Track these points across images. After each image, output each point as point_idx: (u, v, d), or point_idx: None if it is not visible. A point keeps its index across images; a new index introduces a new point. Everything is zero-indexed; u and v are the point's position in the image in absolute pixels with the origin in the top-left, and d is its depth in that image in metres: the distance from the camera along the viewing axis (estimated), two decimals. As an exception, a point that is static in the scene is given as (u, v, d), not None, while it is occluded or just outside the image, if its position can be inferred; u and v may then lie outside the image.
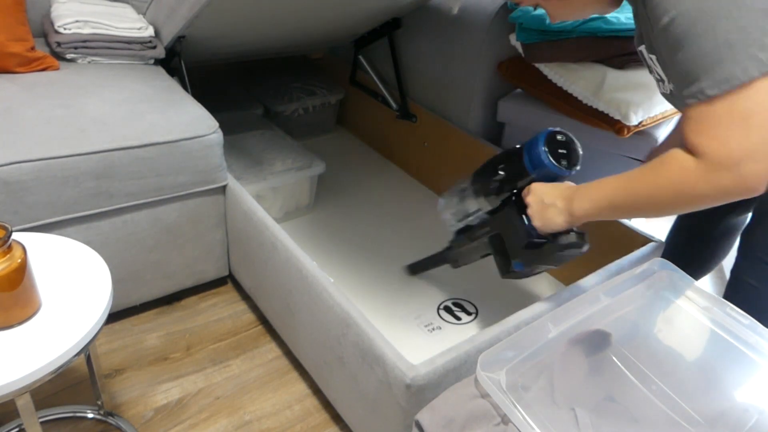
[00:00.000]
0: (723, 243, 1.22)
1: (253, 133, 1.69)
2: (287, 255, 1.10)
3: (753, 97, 0.65)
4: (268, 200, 1.55)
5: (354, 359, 0.96)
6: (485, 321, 1.34)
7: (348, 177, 1.87)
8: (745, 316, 0.79)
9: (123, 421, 1.12)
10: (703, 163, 0.68)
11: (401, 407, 0.87)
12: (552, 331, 0.75)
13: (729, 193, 0.69)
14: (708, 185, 0.69)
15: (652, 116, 1.39)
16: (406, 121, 1.82)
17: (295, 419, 1.17)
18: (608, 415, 0.69)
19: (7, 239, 0.73)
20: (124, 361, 1.25)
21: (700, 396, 0.72)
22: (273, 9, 1.32)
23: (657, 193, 0.75)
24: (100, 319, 0.82)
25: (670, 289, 0.84)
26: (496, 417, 0.67)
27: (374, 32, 1.82)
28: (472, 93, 1.60)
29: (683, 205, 0.74)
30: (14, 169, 1.02)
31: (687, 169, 0.70)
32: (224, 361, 1.28)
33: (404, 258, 1.52)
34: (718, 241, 1.21)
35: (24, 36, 1.28)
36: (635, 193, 0.78)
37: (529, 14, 1.41)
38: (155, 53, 1.43)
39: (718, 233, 1.20)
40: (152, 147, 1.15)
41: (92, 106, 1.19)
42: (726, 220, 1.17)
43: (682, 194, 0.72)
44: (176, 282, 1.36)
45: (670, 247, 1.24)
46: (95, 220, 1.16)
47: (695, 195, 0.71)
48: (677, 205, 0.75)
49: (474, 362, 0.87)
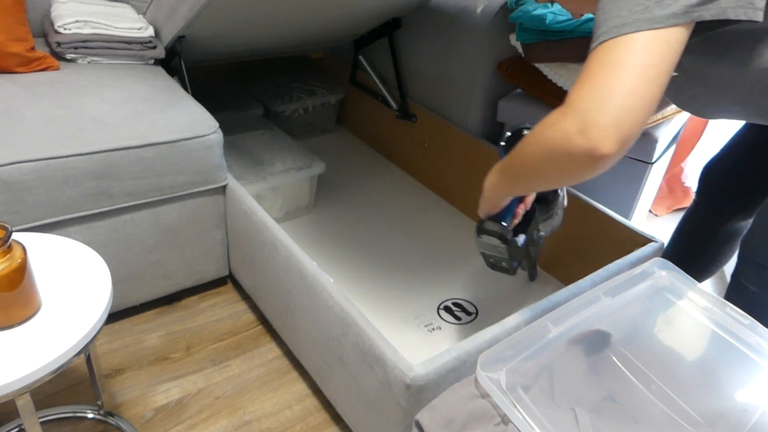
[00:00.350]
0: (725, 248, 1.22)
1: (253, 133, 1.69)
2: (287, 255, 1.10)
3: (630, 48, 0.61)
4: (268, 200, 1.55)
5: (354, 359, 0.96)
6: (485, 321, 1.34)
7: (348, 177, 1.87)
8: (745, 316, 0.79)
9: (123, 421, 1.12)
10: (563, 110, 0.65)
11: (401, 407, 0.87)
12: (552, 331, 0.75)
13: (573, 143, 0.63)
14: (557, 133, 0.65)
15: (652, 116, 1.39)
16: (406, 121, 1.82)
17: (295, 419, 1.17)
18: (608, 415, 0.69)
19: (7, 239, 0.73)
20: (124, 361, 1.25)
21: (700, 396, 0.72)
22: (273, 9, 1.33)
23: (527, 153, 0.72)
24: (100, 319, 0.82)
25: (670, 289, 0.84)
26: (496, 417, 0.67)
27: (374, 32, 1.82)
28: (472, 93, 1.60)
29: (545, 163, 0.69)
30: (14, 169, 1.02)
31: (549, 121, 0.67)
32: (224, 361, 1.28)
33: (404, 258, 1.52)
34: (720, 246, 1.21)
35: (24, 36, 1.29)
36: (517, 156, 0.75)
37: (529, 14, 1.41)
38: (155, 53, 1.43)
39: (719, 238, 1.20)
40: (152, 147, 1.15)
41: (92, 106, 1.19)
42: (728, 226, 1.17)
43: (541, 149, 0.68)
44: (176, 282, 1.36)
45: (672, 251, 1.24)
46: (95, 220, 1.16)
47: (549, 147, 0.66)
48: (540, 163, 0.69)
49: (474, 362, 0.87)
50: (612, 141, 0.61)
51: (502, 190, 0.86)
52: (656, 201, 2.00)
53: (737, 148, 1.13)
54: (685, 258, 1.20)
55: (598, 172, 0.65)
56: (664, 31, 0.61)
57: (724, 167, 1.15)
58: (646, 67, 0.61)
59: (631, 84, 0.60)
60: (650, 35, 0.61)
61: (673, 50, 0.62)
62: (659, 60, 0.61)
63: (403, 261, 1.51)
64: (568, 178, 0.69)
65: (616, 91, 0.61)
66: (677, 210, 2.04)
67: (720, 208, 1.17)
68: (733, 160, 1.13)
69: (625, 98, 0.60)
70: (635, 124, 0.61)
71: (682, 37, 0.63)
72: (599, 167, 0.64)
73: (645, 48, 0.61)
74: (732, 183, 1.14)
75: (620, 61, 0.61)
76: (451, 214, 1.72)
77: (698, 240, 1.22)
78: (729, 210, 1.16)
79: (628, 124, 0.61)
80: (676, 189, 2.01)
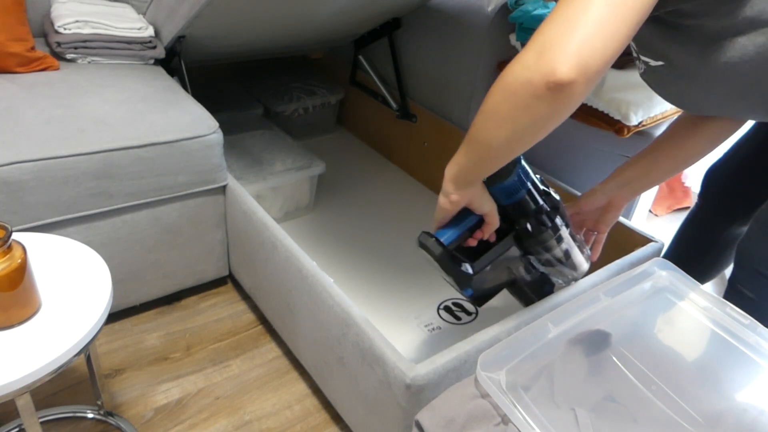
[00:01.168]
0: (726, 252, 1.21)
1: (253, 133, 1.69)
2: (287, 255, 1.10)
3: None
4: (268, 200, 1.55)
5: (354, 359, 0.96)
6: (485, 321, 1.34)
7: (348, 177, 1.87)
8: (745, 316, 0.79)
9: (123, 421, 1.12)
10: (523, 50, 0.62)
11: (401, 407, 0.87)
12: (552, 331, 0.75)
13: (528, 68, 0.60)
14: (516, 67, 0.62)
15: (652, 116, 1.39)
16: (406, 121, 1.82)
17: (295, 419, 1.17)
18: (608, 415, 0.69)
19: (7, 239, 0.73)
20: (124, 361, 1.25)
21: (700, 396, 0.72)
22: (273, 9, 1.33)
23: (492, 103, 0.67)
24: (100, 319, 0.82)
25: (670, 289, 0.84)
26: (496, 417, 0.67)
27: (374, 32, 1.82)
28: (472, 93, 1.60)
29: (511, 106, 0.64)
30: (14, 169, 1.02)
31: (510, 64, 0.64)
32: (224, 361, 1.28)
33: (404, 258, 1.52)
34: (721, 250, 1.21)
35: (24, 36, 1.29)
36: (481, 115, 0.70)
37: (529, 14, 1.41)
38: (155, 53, 1.43)
39: (721, 243, 1.19)
40: (152, 147, 1.15)
41: (92, 106, 1.19)
42: (730, 230, 1.17)
43: (505, 90, 0.64)
44: (176, 282, 1.36)
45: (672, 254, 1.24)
46: (95, 220, 1.16)
47: (512, 84, 0.63)
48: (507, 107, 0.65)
49: (474, 362, 0.87)
50: (571, 66, 0.57)
51: (463, 169, 0.79)
52: (656, 201, 2.00)
53: (741, 152, 1.12)
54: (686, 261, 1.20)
55: (559, 109, 0.61)
56: None
57: (727, 171, 1.15)
58: (616, 2, 0.58)
59: (599, 13, 0.57)
60: None
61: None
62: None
63: (403, 261, 1.51)
64: (529, 122, 0.64)
65: (581, 20, 0.58)
66: (677, 210, 2.04)
67: (722, 212, 1.17)
68: (736, 164, 1.13)
69: (591, 26, 0.57)
70: (598, 52, 0.58)
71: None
72: (559, 100, 0.60)
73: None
74: (735, 187, 1.14)
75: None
76: (451, 214, 1.72)
77: (699, 243, 1.22)
78: (731, 214, 1.15)
79: (589, 50, 0.57)
80: (676, 189, 2.01)
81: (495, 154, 0.74)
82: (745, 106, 0.80)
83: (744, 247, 0.98)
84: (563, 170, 1.57)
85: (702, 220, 1.21)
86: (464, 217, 0.88)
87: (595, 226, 1.06)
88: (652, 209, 2.02)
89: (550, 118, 0.63)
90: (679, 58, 0.78)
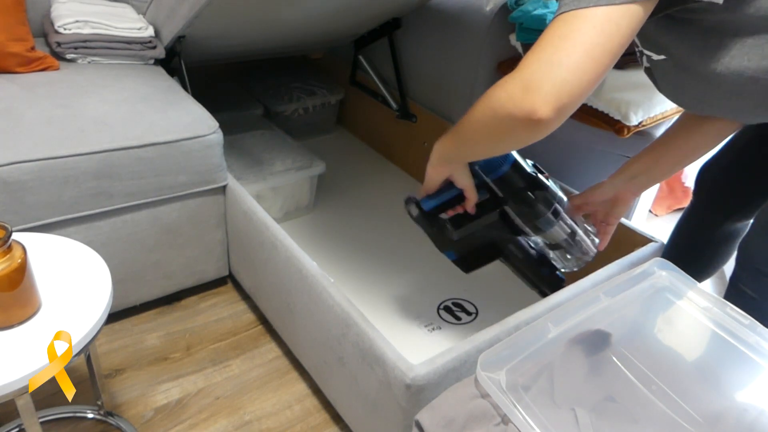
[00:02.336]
0: (722, 249, 1.21)
1: (253, 133, 1.69)
2: (287, 255, 1.10)
3: (581, 24, 0.65)
4: (268, 200, 1.55)
5: (354, 359, 0.96)
6: (485, 321, 1.34)
7: (348, 177, 1.87)
8: (745, 316, 0.79)
9: (123, 421, 1.12)
10: (512, 74, 0.69)
11: (401, 407, 0.87)
12: (552, 331, 0.75)
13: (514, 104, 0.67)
14: (501, 94, 0.69)
15: (652, 116, 1.39)
16: (406, 121, 1.82)
17: (295, 419, 1.17)
18: (608, 415, 0.69)
19: (7, 239, 0.73)
20: (124, 361, 1.25)
21: (700, 396, 0.72)
22: (273, 9, 1.33)
23: (476, 114, 0.76)
24: (100, 319, 0.82)
25: (670, 289, 0.84)
26: (496, 417, 0.67)
27: (374, 32, 1.82)
28: (472, 93, 1.60)
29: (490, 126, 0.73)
30: (14, 169, 1.02)
31: (498, 84, 0.71)
32: (224, 361, 1.28)
33: (404, 258, 1.52)
34: (717, 247, 1.21)
35: (24, 36, 1.29)
36: (468, 118, 0.79)
37: (529, 14, 1.41)
38: (155, 53, 1.43)
39: (717, 240, 1.19)
40: (152, 147, 1.15)
41: (92, 106, 1.19)
42: (725, 227, 1.17)
43: (487, 110, 0.73)
44: (176, 282, 1.36)
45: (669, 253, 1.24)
46: (95, 220, 1.16)
47: (494, 109, 0.71)
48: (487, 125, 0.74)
49: (474, 362, 0.87)
50: (549, 108, 0.66)
51: (449, 151, 0.89)
52: (656, 201, 1.99)
53: (733, 149, 1.12)
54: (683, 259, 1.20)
55: (533, 137, 0.70)
56: (619, 9, 0.64)
57: (720, 168, 1.15)
58: (593, 45, 0.64)
59: (576, 60, 0.64)
60: (604, 13, 0.64)
61: (625, 31, 0.65)
62: (606, 39, 0.65)
63: (403, 261, 1.51)
64: (508, 141, 0.75)
65: (562, 64, 0.65)
66: (677, 210, 2.04)
67: (716, 209, 1.17)
68: (729, 161, 1.13)
69: (569, 72, 0.65)
70: (574, 96, 0.66)
71: (637, 16, 0.66)
72: (535, 131, 0.69)
73: (595, 26, 0.64)
74: (728, 183, 1.14)
75: (570, 36, 0.65)
76: (451, 214, 1.72)
77: (695, 241, 1.22)
78: (725, 211, 1.16)
79: (567, 95, 0.65)
80: (676, 189, 2.01)
81: (474, 152, 0.87)
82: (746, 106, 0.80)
83: (745, 246, 0.98)
84: (563, 170, 1.57)
85: (697, 218, 1.22)
86: (448, 189, 0.99)
87: (605, 218, 1.10)
88: (652, 209, 2.02)
89: (525, 141, 0.73)
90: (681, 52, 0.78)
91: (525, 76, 0.67)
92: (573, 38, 0.65)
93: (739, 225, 1.17)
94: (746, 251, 0.98)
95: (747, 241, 0.98)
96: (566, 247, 1.02)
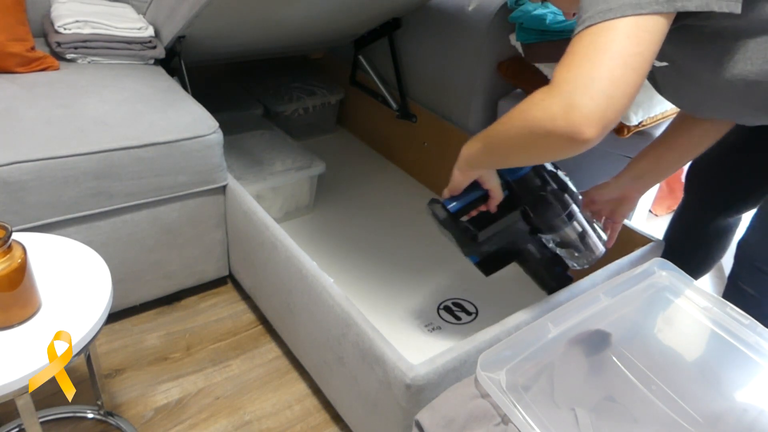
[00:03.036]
0: (716, 244, 1.22)
1: (253, 133, 1.69)
2: (287, 255, 1.10)
3: (614, 35, 0.63)
4: (268, 200, 1.55)
5: (354, 359, 0.96)
6: (485, 321, 1.34)
7: (348, 177, 1.87)
8: (744, 316, 0.79)
9: (123, 421, 1.12)
10: (549, 89, 0.66)
11: (401, 407, 0.87)
12: (552, 331, 0.75)
13: (556, 124, 0.64)
14: (540, 112, 0.66)
15: (652, 116, 1.39)
16: (406, 121, 1.82)
17: (295, 419, 1.17)
18: (608, 415, 0.69)
19: (7, 239, 0.73)
20: (124, 361, 1.25)
21: (700, 396, 0.72)
22: (273, 9, 1.33)
23: (509, 127, 0.74)
24: (100, 319, 0.82)
25: (670, 289, 0.84)
26: (496, 417, 0.67)
27: (374, 32, 1.82)
28: (472, 93, 1.60)
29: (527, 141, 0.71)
30: (14, 169, 1.02)
31: (535, 99, 0.68)
32: (224, 361, 1.28)
33: (404, 258, 1.52)
34: (711, 242, 1.21)
35: (24, 36, 1.29)
36: (499, 128, 0.77)
37: (529, 14, 1.41)
38: (155, 53, 1.43)
39: (710, 236, 1.20)
40: (152, 147, 1.15)
41: (92, 106, 1.19)
42: (716, 221, 1.17)
43: (525, 126, 0.70)
44: (176, 282, 1.36)
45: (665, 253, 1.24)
46: (95, 220, 1.16)
47: (532, 126, 0.68)
48: (523, 140, 0.71)
49: (474, 362, 0.87)
50: (595, 127, 0.63)
51: (478, 159, 0.87)
52: (656, 201, 2.00)
53: (723, 145, 1.13)
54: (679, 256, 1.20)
55: (574, 153, 0.67)
56: (647, 19, 0.63)
57: (709, 164, 1.16)
58: (629, 55, 0.62)
59: (616, 72, 0.62)
60: (633, 22, 0.62)
61: (655, 38, 0.64)
62: (643, 48, 0.63)
63: (403, 261, 1.51)
64: (545, 156, 0.72)
65: (601, 78, 0.62)
66: (677, 210, 2.04)
67: (708, 205, 1.17)
68: (717, 156, 1.14)
69: (610, 85, 0.62)
70: (618, 110, 0.63)
71: (663, 26, 0.64)
72: (578, 150, 0.66)
73: (629, 36, 0.62)
74: (718, 179, 1.15)
75: (605, 47, 0.63)
76: (451, 214, 1.72)
77: (689, 238, 1.22)
78: (716, 207, 1.16)
79: (612, 110, 0.63)
80: (676, 189, 2.01)
81: (504, 162, 0.86)
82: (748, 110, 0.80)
83: (744, 244, 0.98)
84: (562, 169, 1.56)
85: (689, 215, 1.22)
86: (472, 190, 0.97)
87: (611, 216, 1.11)
88: (652, 209, 2.02)
89: (565, 156, 0.69)
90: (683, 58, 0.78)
91: (565, 95, 0.64)
92: (609, 50, 0.62)
93: (731, 220, 1.18)
94: (745, 249, 0.98)
95: (745, 239, 0.98)
96: (577, 245, 1.02)
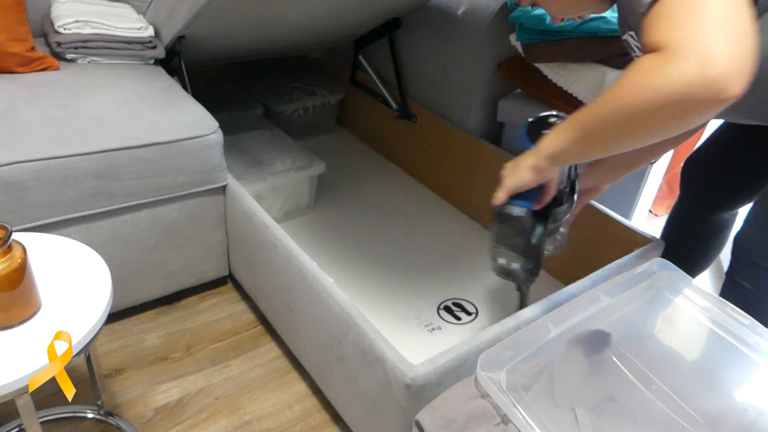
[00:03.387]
0: (713, 240, 1.22)
1: (253, 133, 1.69)
2: (287, 255, 1.10)
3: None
4: (268, 200, 1.55)
5: (354, 359, 0.96)
6: (485, 321, 1.34)
7: (348, 177, 1.87)
8: (745, 316, 0.79)
9: (123, 421, 1.12)
10: (665, 54, 0.59)
11: (401, 407, 0.87)
12: (552, 331, 0.75)
13: (692, 87, 0.57)
14: (672, 79, 0.59)
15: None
16: (406, 121, 1.82)
17: (295, 419, 1.17)
18: (608, 415, 0.69)
19: (7, 239, 0.73)
20: (124, 361, 1.25)
21: (700, 396, 0.72)
22: (273, 9, 1.33)
23: (625, 105, 0.64)
24: (100, 319, 0.82)
25: (670, 289, 0.84)
26: (496, 417, 0.67)
27: (374, 32, 1.82)
28: (472, 93, 1.60)
29: (654, 115, 0.62)
30: (14, 169, 1.02)
31: (649, 67, 0.61)
32: (224, 361, 1.28)
33: (404, 258, 1.52)
34: (709, 238, 1.22)
35: (24, 36, 1.29)
36: (604, 110, 0.68)
37: (529, 14, 1.41)
38: (155, 53, 1.43)
39: (706, 232, 1.20)
40: (152, 147, 1.15)
41: (92, 106, 1.19)
42: (712, 217, 1.18)
43: (650, 99, 0.61)
44: (176, 282, 1.36)
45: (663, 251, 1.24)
46: (95, 220, 1.16)
47: (662, 96, 0.60)
48: (648, 115, 0.63)
49: (474, 362, 0.87)
50: (741, 79, 0.57)
51: (570, 151, 0.76)
52: (656, 201, 2.00)
53: (715, 141, 1.14)
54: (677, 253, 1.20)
55: (709, 116, 0.61)
56: None
57: (704, 160, 1.16)
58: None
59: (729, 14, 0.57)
60: None
61: None
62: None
63: (403, 261, 1.51)
64: (675, 128, 0.63)
65: (719, 24, 0.57)
66: (677, 210, 2.04)
67: (703, 202, 1.18)
68: (711, 152, 1.14)
69: (731, 30, 0.57)
70: (752, 52, 0.57)
71: None
72: (718, 111, 0.59)
73: None
74: (712, 174, 1.15)
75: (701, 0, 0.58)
76: (451, 214, 1.72)
77: (686, 234, 1.23)
78: (712, 203, 1.17)
79: (749, 54, 0.57)
80: (676, 189, 2.01)
81: (608, 150, 0.72)
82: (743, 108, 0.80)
83: (740, 239, 0.99)
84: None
85: (685, 212, 1.22)
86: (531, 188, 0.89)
87: None
88: (652, 209, 2.02)
89: (697, 123, 0.62)
90: None
91: (691, 53, 0.57)
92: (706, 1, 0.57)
93: (727, 216, 1.18)
94: (741, 244, 0.98)
95: (742, 234, 0.98)
96: (555, 234, 1.01)
